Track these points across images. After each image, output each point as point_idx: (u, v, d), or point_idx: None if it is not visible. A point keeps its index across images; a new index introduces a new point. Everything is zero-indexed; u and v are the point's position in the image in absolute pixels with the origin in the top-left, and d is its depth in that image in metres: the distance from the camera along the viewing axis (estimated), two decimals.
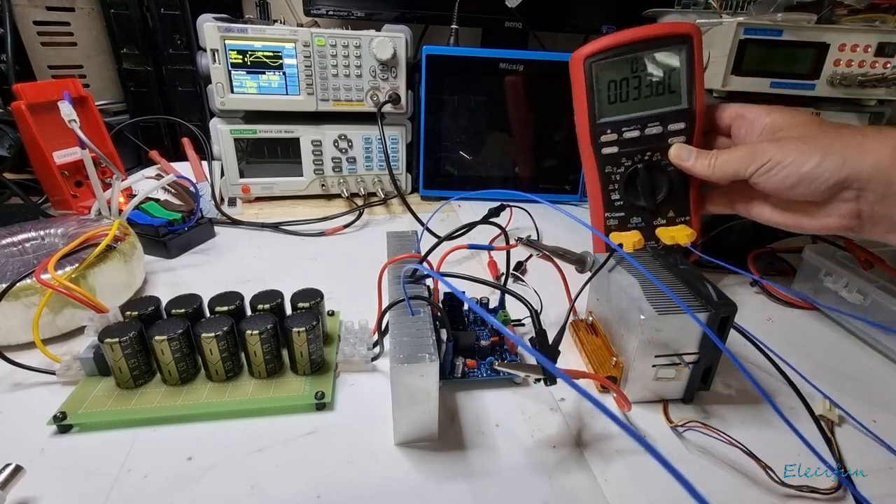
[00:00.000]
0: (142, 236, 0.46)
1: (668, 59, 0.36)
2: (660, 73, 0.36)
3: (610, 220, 0.40)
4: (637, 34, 0.35)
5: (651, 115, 0.37)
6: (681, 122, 0.36)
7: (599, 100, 0.37)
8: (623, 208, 0.39)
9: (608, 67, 0.36)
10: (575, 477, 0.26)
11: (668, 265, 0.32)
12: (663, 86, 0.36)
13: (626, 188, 0.38)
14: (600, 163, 0.38)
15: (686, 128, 0.36)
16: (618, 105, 0.37)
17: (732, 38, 0.49)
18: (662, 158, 0.37)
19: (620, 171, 0.38)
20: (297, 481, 0.25)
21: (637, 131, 0.37)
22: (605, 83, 0.36)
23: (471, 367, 0.32)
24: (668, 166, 0.37)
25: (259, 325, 0.29)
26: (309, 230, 0.56)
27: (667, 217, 0.39)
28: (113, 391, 0.30)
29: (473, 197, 0.66)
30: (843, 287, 0.38)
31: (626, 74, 0.36)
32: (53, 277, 0.33)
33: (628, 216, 0.39)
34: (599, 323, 0.35)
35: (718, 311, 0.27)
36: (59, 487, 0.25)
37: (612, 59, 0.36)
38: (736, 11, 0.61)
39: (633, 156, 0.38)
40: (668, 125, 0.37)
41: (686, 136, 0.37)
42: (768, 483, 0.25)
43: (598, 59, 0.36)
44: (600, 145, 0.38)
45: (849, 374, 0.35)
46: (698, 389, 0.31)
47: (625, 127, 0.37)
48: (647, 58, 0.36)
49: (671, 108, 0.36)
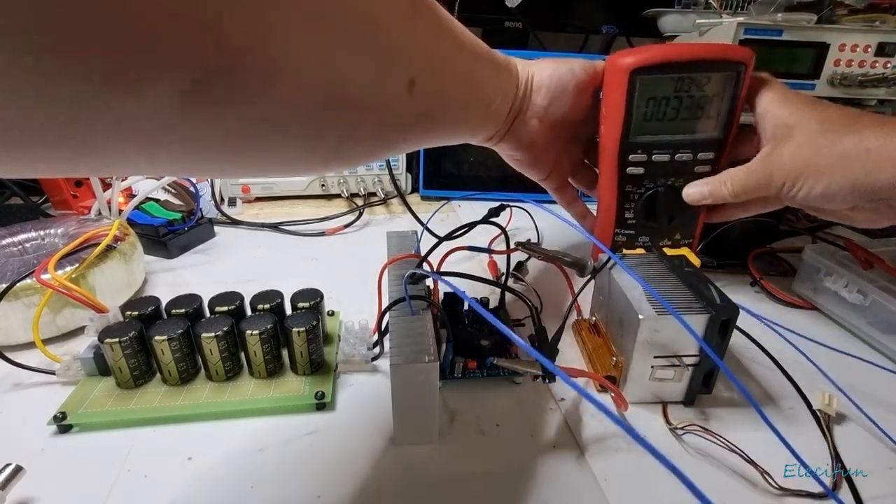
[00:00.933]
0: (142, 236, 0.46)
1: (714, 84, 0.34)
2: (702, 97, 0.34)
3: (619, 237, 0.39)
4: (693, 52, 0.34)
5: (684, 141, 0.35)
6: (710, 151, 0.35)
7: (637, 116, 0.34)
8: (634, 227, 0.39)
9: (654, 83, 0.33)
10: (575, 477, 0.26)
11: (672, 267, 0.32)
12: (702, 110, 0.34)
13: (643, 209, 0.38)
14: (622, 180, 0.37)
15: (714, 157, 0.35)
16: (653, 124, 0.35)
17: (732, 38, 0.49)
18: (684, 184, 0.36)
19: (641, 191, 0.37)
20: (297, 481, 0.25)
21: (667, 156, 0.35)
22: (646, 99, 0.34)
23: (471, 367, 0.32)
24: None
25: (259, 325, 0.29)
26: (309, 230, 0.56)
27: (673, 238, 0.39)
28: (113, 391, 0.30)
29: (474, 197, 0.66)
30: (843, 287, 0.38)
31: (669, 93, 0.34)
32: (53, 277, 0.33)
33: (637, 235, 0.39)
34: (602, 323, 0.35)
35: (719, 313, 0.27)
36: (59, 487, 0.25)
37: (660, 76, 0.33)
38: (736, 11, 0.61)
39: (656, 178, 0.37)
40: (698, 153, 0.35)
41: (712, 165, 0.36)
42: (765, 486, 0.25)
43: (646, 73, 0.33)
44: (627, 164, 0.36)
45: (848, 374, 0.35)
46: (700, 393, 0.30)
47: (656, 150, 0.35)
48: (695, 79, 0.33)
49: (704, 135, 0.35)
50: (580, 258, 0.37)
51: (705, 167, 0.36)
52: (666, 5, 0.67)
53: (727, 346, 0.28)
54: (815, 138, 0.30)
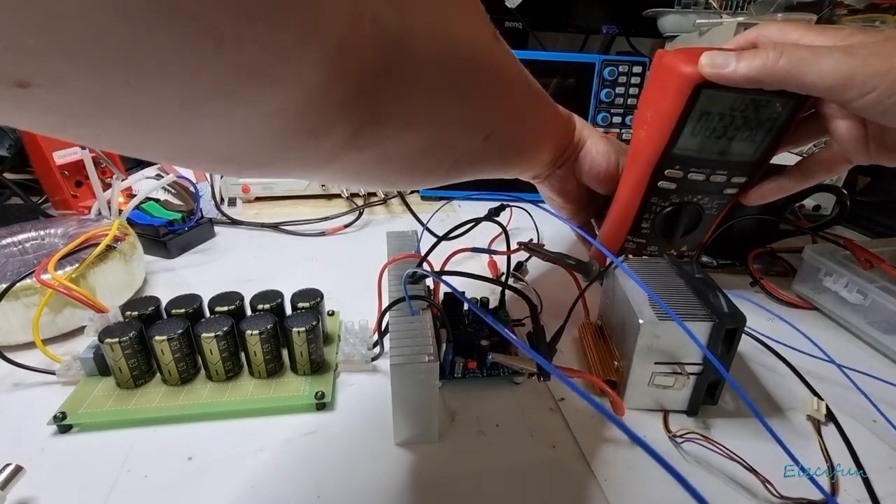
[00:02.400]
0: (142, 236, 0.46)
1: (772, 108, 0.30)
2: (755, 120, 0.31)
3: (629, 244, 0.39)
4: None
5: (722, 162, 0.33)
6: (744, 176, 0.33)
7: (683, 129, 0.31)
8: (647, 237, 0.38)
9: (718, 100, 0.30)
10: (575, 477, 0.26)
11: (682, 273, 0.32)
12: (749, 133, 0.31)
13: (663, 223, 0.36)
14: (650, 191, 0.35)
15: (745, 182, 0.34)
16: (698, 139, 0.32)
17: (732, 38, 0.49)
18: (708, 203, 0.35)
19: (665, 205, 0.36)
20: (297, 481, 0.25)
21: (703, 175, 0.33)
22: (700, 113, 0.30)
23: (471, 367, 0.32)
24: (708, 208, 0.36)
25: (259, 325, 0.29)
26: (309, 230, 0.56)
27: (679, 250, 0.39)
28: (113, 391, 0.30)
29: (474, 197, 0.66)
30: (843, 287, 0.38)
31: (725, 111, 0.30)
32: (53, 277, 0.33)
33: (648, 244, 0.39)
34: (606, 326, 0.35)
35: (723, 322, 0.26)
36: (59, 487, 0.25)
37: (728, 94, 0.29)
38: (736, 11, 0.61)
39: (684, 195, 0.35)
40: (732, 177, 0.33)
41: (739, 188, 0.34)
42: (766, 495, 0.25)
43: (715, 88, 0.28)
44: (661, 178, 0.34)
45: (848, 374, 0.35)
46: (704, 403, 0.30)
47: (693, 167, 0.33)
48: (759, 101, 0.30)
49: (743, 159, 0.32)
50: (585, 261, 0.37)
51: (733, 189, 0.34)
52: (666, 5, 0.67)
53: (733, 357, 0.28)
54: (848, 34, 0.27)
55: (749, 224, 0.49)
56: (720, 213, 0.36)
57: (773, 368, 0.34)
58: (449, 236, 0.36)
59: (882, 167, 0.47)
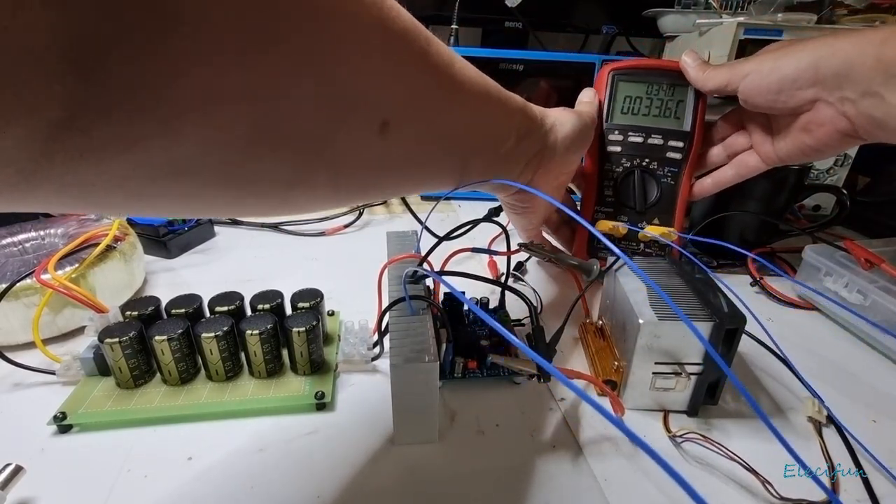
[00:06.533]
0: (142, 236, 0.46)
1: (680, 93, 0.41)
2: (670, 101, 0.41)
3: (598, 214, 0.44)
4: (660, 65, 0.42)
5: (655, 128, 0.41)
6: (680, 140, 0.41)
7: (614, 108, 0.42)
8: (613, 205, 0.43)
9: (627, 83, 0.42)
10: (575, 477, 0.26)
11: (682, 273, 0.32)
12: (671, 111, 0.41)
13: (619, 186, 0.43)
14: (601, 158, 0.43)
15: (684, 147, 0.41)
16: (629, 116, 0.42)
17: (732, 38, 0.49)
18: (658, 168, 0.42)
19: (618, 170, 0.42)
20: (297, 481, 0.25)
21: (641, 138, 0.42)
22: (622, 95, 0.42)
23: (471, 367, 0.32)
24: (662, 176, 0.42)
25: (259, 325, 0.29)
26: (309, 230, 0.56)
27: (651, 223, 0.42)
28: (113, 391, 0.30)
29: (472, 197, 0.66)
30: (843, 287, 0.38)
31: (641, 93, 0.42)
32: (53, 277, 0.33)
33: (616, 213, 0.43)
34: (607, 326, 0.35)
35: (723, 322, 0.26)
36: (59, 487, 0.25)
37: (631, 77, 0.42)
38: (736, 11, 0.61)
39: (632, 158, 0.42)
40: (668, 140, 0.41)
41: (682, 154, 0.41)
42: (765, 496, 0.25)
43: (621, 73, 0.42)
44: (606, 143, 0.42)
45: (849, 374, 0.35)
46: (704, 403, 0.30)
47: (631, 132, 0.42)
48: (662, 86, 0.41)
49: (671, 126, 0.41)
50: (586, 261, 0.37)
51: (676, 154, 0.41)
52: (666, 5, 0.67)
53: (733, 357, 0.28)
54: (782, 44, 0.33)
55: (749, 224, 0.49)
56: (678, 184, 0.42)
57: (772, 369, 0.34)
58: (450, 237, 0.36)
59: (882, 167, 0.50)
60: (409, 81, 0.20)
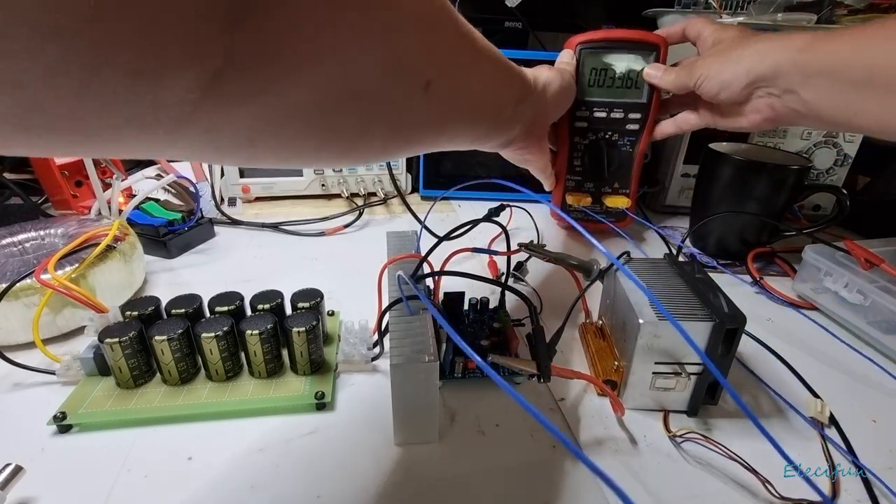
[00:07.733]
0: (142, 236, 0.46)
1: (637, 61, 0.46)
2: (629, 71, 0.46)
3: (569, 182, 0.51)
4: (618, 35, 0.46)
5: (616, 103, 0.47)
6: (638, 112, 0.47)
7: (581, 81, 0.46)
8: (580, 174, 0.51)
9: (592, 55, 0.46)
10: (575, 477, 0.26)
11: (682, 273, 0.32)
12: (631, 81, 0.46)
13: (585, 156, 0.49)
14: (571, 132, 0.49)
15: (641, 118, 0.48)
16: (595, 89, 0.47)
17: None
18: (619, 139, 0.49)
19: (585, 142, 0.49)
20: (297, 481, 0.25)
21: (604, 113, 0.47)
22: (589, 69, 0.46)
23: (471, 367, 0.32)
24: (623, 146, 0.49)
25: (259, 325, 0.29)
26: (309, 230, 0.56)
27: (612, 187, 0.51)
28: (113, 391, 0.30)
29: (474, 197, 0.66)
30: (843, 287, 0.38)
31: (604, 65, 0.46)
32: (53, 277, 0.33)
33: (583, 181, 0.51)
34: (608, 326, 0.35)
35: (723, 322, 0.26)
36: (59, 487, 0.25)
37: (595, 49, 0.46)
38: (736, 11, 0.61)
39: (597, 132, 0.48)
40: (628, 113, 0.47)
41: (640, 124, 0.48)
42: (766, 495, 0.25)
43: (585, 46, 0.46)
44: (575, 119, 0.48)
45: (849, 374, 0.35)
46: (705, 403, 0.30)
47: (596, 108, 0.48)
48: (621, 55, 0.46)
49: (633, 100, 0.47)
50: (586, 261, 0.37)
51: (634, 125, 0.48)
52: (666, 5, 0.67)
53: (734, 356, 0.28)
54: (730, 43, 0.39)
55: (749, 224, 0.49)
56: (636, 150, 0.49)
57: (773, 368, 0.34)
58: (450, 237, 0.36)
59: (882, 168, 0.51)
60: (447, 46, 0.23)
